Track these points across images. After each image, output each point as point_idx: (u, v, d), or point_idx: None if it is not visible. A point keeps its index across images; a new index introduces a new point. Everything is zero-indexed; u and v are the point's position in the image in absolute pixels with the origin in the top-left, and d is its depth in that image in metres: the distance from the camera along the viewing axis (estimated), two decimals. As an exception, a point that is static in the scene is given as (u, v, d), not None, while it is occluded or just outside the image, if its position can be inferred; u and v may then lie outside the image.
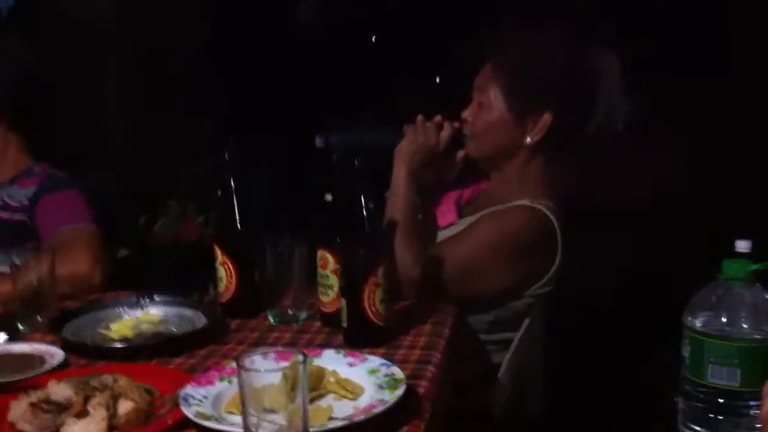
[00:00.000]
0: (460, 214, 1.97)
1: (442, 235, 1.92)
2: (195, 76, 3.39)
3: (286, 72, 3.32)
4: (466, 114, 1.91)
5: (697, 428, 1.48)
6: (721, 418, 1.45)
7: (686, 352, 1.50)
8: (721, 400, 1.44)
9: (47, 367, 1.39)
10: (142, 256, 3.23)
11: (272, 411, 1.00)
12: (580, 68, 1.87)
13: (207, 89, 3.40)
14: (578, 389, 2.29)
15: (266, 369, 1.02)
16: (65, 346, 1.49)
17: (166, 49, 3.45)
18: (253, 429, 1.00)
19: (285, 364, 1.02)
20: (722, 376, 1.43)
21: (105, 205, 2.29)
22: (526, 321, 1.87)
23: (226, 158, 1.67)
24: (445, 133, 1.87)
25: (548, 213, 1.82)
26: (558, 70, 1.83)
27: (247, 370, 1.01)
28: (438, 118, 1.88)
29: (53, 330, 1.56)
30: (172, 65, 3.41)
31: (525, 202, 1.84)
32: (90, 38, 3.39)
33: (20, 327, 1.61)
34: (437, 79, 3.46)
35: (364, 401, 1.22)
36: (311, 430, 1.04)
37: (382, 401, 1.18)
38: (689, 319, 1.51)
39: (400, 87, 3.09)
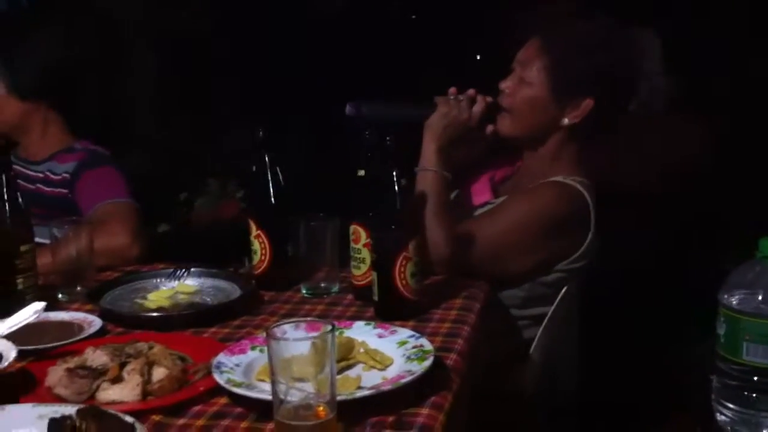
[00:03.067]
0: (495, 193, 1.95)
1: (476, 214, 1.91)
2: (227, 52, 3.41)
3: (323, 46, 3.32)
4: (505, 85, 1.87)
5: (732, 406, 1.47)
6: (755, 395, 1.44)
7: (721, 330, 1.48)
8: (756, 378, 1.43)
9: (85, 334, 1.42)
10: (182, 232, 3.28)
11: (301, 380, 1.02)
12: (625, 54, 1.84)
13: (241, 65, 3.42)
14: (612, 367, 2.28)
15: (295, 339, 1.04)
16: (103, 314, 1.52)
17: (196, 28, 3.47)
18: (282, 396, 1.02)
19: (314, 334, 1.03)
20: (758, 354, 1.41)
21: (146, 182, 2.33)
22: (560, 295, 1.86)
23: (260, 134, 1.68)
24: (478, 107, 1.83)
25: (581, 188, 1.80)
26: (605, 56, 1.80)
27: (276, 339, 1.03)
28: (471, 91, 1.85)
29: (92, 300, 1.59)
30: (202, 44, 3.44)
31: (558, 178, 1.82)
32: (124, 22, 3.42)
33: (60, 297, 1.65)
34: (478, 57, 3.44)
35: (392, 372, 1.23)
36: (339, 398, 1.05)
37: (410, 372, 1.19)
38: (725, 297, 1.49)
39: (436, 62, 3.08)
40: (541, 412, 1.92)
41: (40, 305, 1.36)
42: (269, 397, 1.05)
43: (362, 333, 1.35)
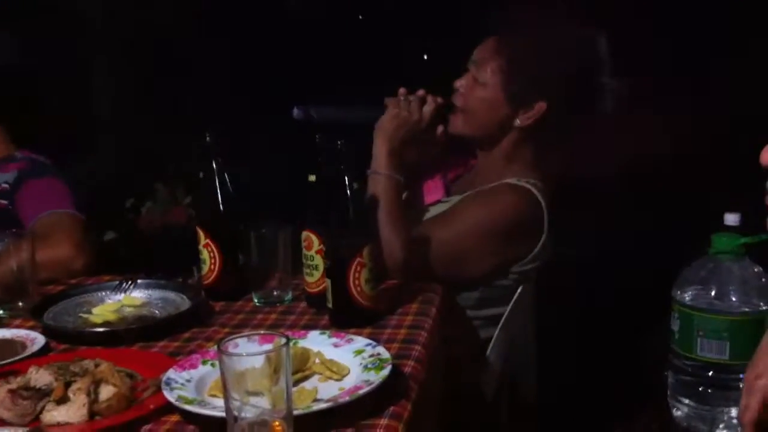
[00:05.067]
0: (448, 191, 1.94)
1: (429, 213, 1.89)
2: (178, 57, 3.36)
3: (270, 50, 3.28)
4: (459, 84, 1.87)
5: (686, 401, 1.48)
6: (710, 391, 1.45)
7: (675, 326, 1.49)
8: (710, 373, 1.44)
9: (27, 352, 1.37)
10: (129, 239, 3.21)
11: (255, 394, 0.99)
12: (580, 56, 1.84)
13: (191, 70, 3.37)
14: (570, 366, 2.29)
15: (248, 353, 1.00)
16: (46, 331, 1.46)
17: (143, 31, 3.42)
18: (236, 413, 0.99)
19: (268, 347, 1.00)
20: (711, 350, 1.43)
21: (92, 189, 2.27)
22: (515, 297, 1.86)
23: (208, 139, 1.64)
24: (429, 107, 1.82)
25: (534, 191, 1.80)
26: (560, 59, 1.80)
27: (229, 354, 1.00)
28: (421, 92, 1.83)
29: (34, 316, 1.53)
30: (155, 48, 3.38)
31: (511, 180, 1.82)
32: (72, 23, 3.35)
33: (1, 313, 1.59)
34: (425, 56, 3.43)
35: (349, 382, 1.20)
36: (295, 412, 1.02)
37: (367, 382, 1.17)
38: (678, 293, 1.51)
39: (385, 62, 3.06)
40: (502, 412, 1.92)
41: (-21, 324, 1.31)
42: (223, 414, 1.01)
43: (317, 342, 1.32)
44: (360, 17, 3.66)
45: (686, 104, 2.49)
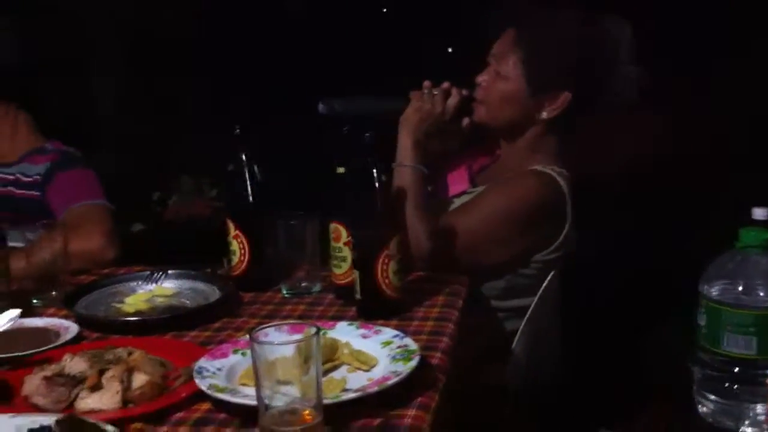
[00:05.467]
0: (473, 182, 1.95)
1: (453, 204, 1.90)
2: (203, 50, 3.38)
3: (297, 45, 3.30)
4: (481, 79, 1.87)
5: (713, 396, 1.48)
6: (736, 386, 1.44)
7: (702, 320, 1.48)
8: (736, 369, 1.43)
9: (61, 341, 1.39)
10: (156, 231, 3.24)
11: (286, 383, 1.00)
12: (601, 45, 1.84)
13: (217, 63, 3.39)
14: (595, 360, 2.28)
15: (279, 342, 1.02)
16: (79, 320, 1.49)
17: (171, 26, 3.44)
18: (266, 401, 1.01)
19: (298, 336, 1.02)
20: (738, 345, 1.42)
21: (119, 181, 2.29)
22: (542, 288, 1.86)
23: (237, 132, 1.66)
24: (453, 100, 1.82)
25: (558, 177, 1.80)
26: (582, 48, 1.79)
27: (260, 343, 1.01)
28: (445, 84, 1.83)
29: (67, 305, 1.56)
30: (178, 42, 3.40)
31: (536, 167, 1.82)
32: (95, 21, 3.38)
33: (34, 302, 1.62)
34: (449, 49, 3.43)
35: (377, 373, 1.22)
36: (325, 401, 1.04)
37: (395, 373, 1.18)
38: (705, 287, 1.50)
39: (411, 55, 3.06)
40: (524, 405, 1.92)
41: (14, 312, 1.33)
42: (254, 402, 1.03)
43: (346, 333, 1.33)
44: (384, 10, 3.66)
45: (712, 98, 2.47)
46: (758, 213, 1.45)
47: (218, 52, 3.39)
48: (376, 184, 1.48)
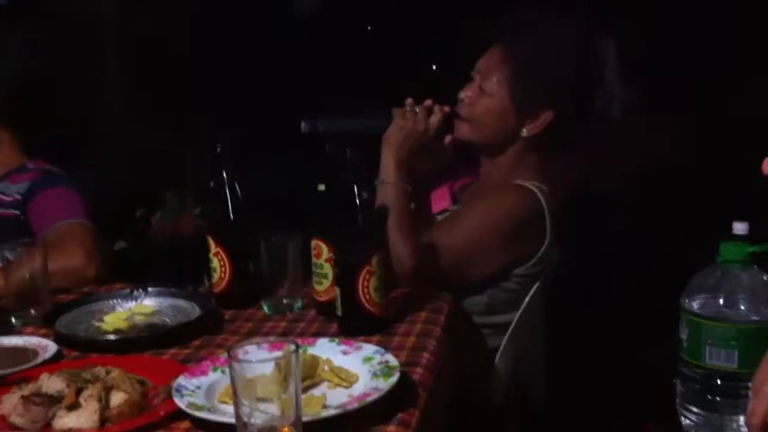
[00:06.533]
0: (454, 200, 1.95)
1: (435, 221, 1.90)
2: (186, 67, 3.38)
3: (280, 61, 3.30)
4: (464, 95, 1.87)
5: (695, 410, 1.48)
6: (718, 399, 1.45)
7: (684, 334, 1.49)
8: (718, 382, 1.44)
9: (40, 360, 1.38)
10: (140, 249, 3.22)
11: (265, 400, 1.00)
12: (586, 64, 1.85)
13: (199, 80, 3.39)
14: (581, 376, 2.28)
15: (258, 359, 1.01)
16: (58, 339, 1.48)
17: (153, 43, 3.44)
18: (245, 419, 1.00)
19: (278, 353, 1.01)
20: (720, 358, 1.42)
21: (102, 198, 2.28)
22: (524, 303, 1.86)
23: (218, 150, 1.65)
24: (435, 117, 1.82)
25: (537, 192, 1.81)
26: (566, 67, 1.81)
27: (239, 361, 1.01)
28: (428, 102, 1.83)
29: (46, 323, 1.55)
30: (164, 60, 3.40)
31: (516, 181, 1.83)
32: (82, 32, 3.37)
33: (13, 321, 1.60)
34: (434, 67, 3.44)
35: (358, 389, 1.21)
36: (304, 419, 1.03)
37: (376, 389, 1.18)
38: (687, 301, 1.50)
39: (392, 73, 3.07)
40: (512, 421, 1.92)
41: (-8, 331, 1.32)
42: (232, 420, 1.02)
43: (326, 350, 1.33)
44: (368, 28, 3.67)
45: (693, 109, 2.49)
46: (739, 228, 1.46)
47: (201, 70, 3.39)
48: (358, 201, 1.48)
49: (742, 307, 1.45)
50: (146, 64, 3.44)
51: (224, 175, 1.65)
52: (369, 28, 3.67)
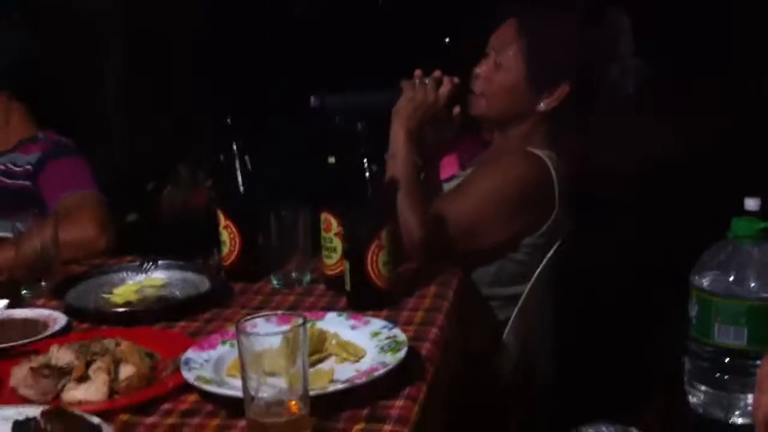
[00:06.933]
0: (462, 167, 1.95)
1: (443, 189, 1.90)
2: (198, 42, 3.37)
3: (291, 35, 3.29)
4: (480, 70, 1.86)
5: (704, 387, 1.47)
6: (727, 377, 1.44)
7: (693, 311, 1.48)
8: (727, 359, 1.43)
9: (49, 332, 1.39)
10: (151, 222, 3.23)
11: (273, 374, 1.00)
12: (601, 37, 1.83)
13: (210, 54, 3.38)
14: (589, 354, 2.28)
15: (266, 333, 1.02)
16: (68, 311, 1.48)
17: (165, 19, 3.43)
18: (253, 392, 1.00)
19: (286, 327, 1.02)
20: (729, 336, 1.42)
21: (114, 171, 2.29)
22: (533, 277, 1.85)
23: (228, 122, 1.65)
24: (445, 89, 1.80)
25: (546, 160, 1.80)
26: (582, 40, 1.79)
27: (247, 334, 1.01)
28: (437, 73, 1.82)
29: (56, 295, 1.56)
30: (171, 34, 3.39)
31: (526, 149, 1.82)
32: (90, 13, 3.36)
33: (24, 293, 1.61)
34: (446, 40, 3.41)
35: (365, 364, 1.21)
36: (312, 392, 1.03)
37: (383, 364, 1.18)
38: (696, 278, 1.49)
39: (406, 46, 3.05)
40: (519, 397, 1.92)
41: (2, 302, 1.33)
42: (240, 394, 1.03)
43: (335, 324, 1.33)
44: (379, 1, 3.65)
45: (706, 89, 2.47)
46: (750, 204, 1.44)
47: (214, 47, 3.38)
48: (367, 175, 1.47)
49: (753, 284, 1.44)
50: (157, 37, 3.43)
51: (234, 148, 1.65)
52: (380, 1, 3.65)
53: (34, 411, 1.04)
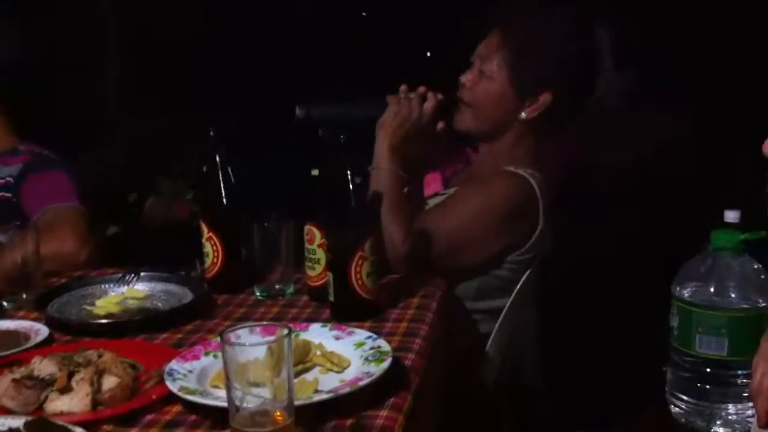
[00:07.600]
0: (446, 185, 1.95)
1: (427, 205, 1.91)
2: (180, 53, 3.37)
3: (275, 47, 3.29)
4: (465, 79, 1.88)
5: (685, 397, 1.49)
6: (708, 387, 1.46)
7: (674, 322, 1.50)
8: (708, 370, 1.45)
9: (32, 343, 1.38)
10: (132, 234, 3.22)
11: (257, 385, 1.00)
12: (585, 48, 1.85)
13: (194, 66, 3.38)
14: (574, 361, 2.29)
15: (250, 343, 1.01)
16: (50, 322, 1.47)
17: (148, 29, 3.43)
18: (237, 402, 1.00)
19: (270, 338, 1.01)
20: (710, 346, 1.43)
21: (95, 183, 2.27)
22: (515, 289, 1.86)
23: (211, 134, 1.65)
24: (429, 104, 1.82)
25: (530, 179, 1.82)
26: (566, 49, 1.81)
27: (231, 344, 1.01)
28: (422, 88, 1.83)
29: (38, 307, 1.55)
30: (159, 45, 3.39)
31: (509, 168, 1.83)
32: (78, 17, 3.36)
33: (5, 304, 1.60)
34: (428, 53, 3.43)
35: (350, 374, 1.21)
36: (296, 403, 1.03)
37: (368, 374, 1.18)
38: (677, 289, 1.51)
39: (388, 60, 3.07)
40: (504, 406, 1.93)
41: (-17, 314, 1.32)
42: (225, 404, 1.03)
43: (319, 335, 1.33)
44: (363, 14, 3.66)
45: (686, 100, 2.49)
46: (730, 216, 1.46)
47: (196, 56, 3.38)
48: (351, 186, 1.48)
49: (733, 295, 1.46)
50: (141, 50, 3.43)
51: (217, 160, 1.65)
52: (364, 14, 3.66)
53: (16, 422, 1.03)
